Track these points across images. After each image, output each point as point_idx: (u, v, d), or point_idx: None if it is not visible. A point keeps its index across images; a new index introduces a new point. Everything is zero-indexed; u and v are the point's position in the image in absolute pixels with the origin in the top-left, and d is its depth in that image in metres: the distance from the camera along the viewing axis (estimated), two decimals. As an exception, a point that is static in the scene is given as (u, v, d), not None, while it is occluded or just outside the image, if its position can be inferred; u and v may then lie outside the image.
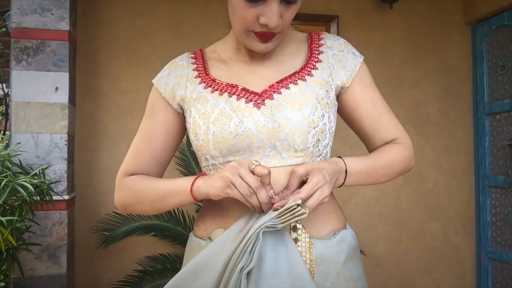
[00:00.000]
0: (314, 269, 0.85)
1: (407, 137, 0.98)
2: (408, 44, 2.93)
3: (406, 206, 2.92)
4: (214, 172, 0.91)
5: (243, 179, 0.76)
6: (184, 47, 2.81)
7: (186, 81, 0.95)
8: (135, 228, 2.40)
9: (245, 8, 0.81)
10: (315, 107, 0.87)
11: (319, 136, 0.87)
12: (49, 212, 2.15)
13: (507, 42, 2.73)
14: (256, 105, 0.87)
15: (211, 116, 0.87)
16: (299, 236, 0.85)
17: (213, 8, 2.70)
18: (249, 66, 0.94)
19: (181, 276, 0.84)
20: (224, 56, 0.97)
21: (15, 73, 2.17)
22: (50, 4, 2.21)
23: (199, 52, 1.00)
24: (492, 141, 2.87)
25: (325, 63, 0.93)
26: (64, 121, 2.22)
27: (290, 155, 0.86)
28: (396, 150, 0.95)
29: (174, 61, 1.00)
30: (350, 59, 0.95)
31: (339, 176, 0.86)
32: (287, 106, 0.86)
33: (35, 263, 2.16)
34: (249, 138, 0.85)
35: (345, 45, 0.97)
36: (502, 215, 2.78)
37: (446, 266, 2.98)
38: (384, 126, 0.96)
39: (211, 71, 0.95)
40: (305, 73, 0.91)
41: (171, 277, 0.86)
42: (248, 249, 0.77)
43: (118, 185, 0.97)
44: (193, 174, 2.49)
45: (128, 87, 2.59)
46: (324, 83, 0.91)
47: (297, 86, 0.89)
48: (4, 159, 1.86)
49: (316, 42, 0.97)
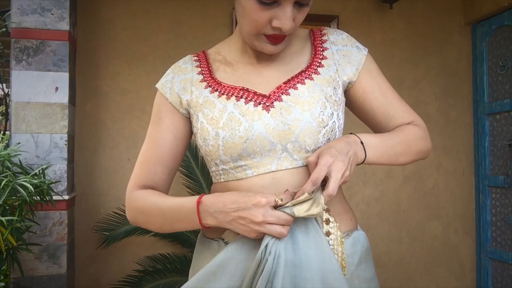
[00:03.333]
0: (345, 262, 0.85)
1: (421, 120, 0.96)
2: (408, 44, 2.93)
3: (406, 206, 2.92)
4: (224, 177, 0.89)
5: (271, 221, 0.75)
6: (184, 47, 2.83)
7: (191, 85, 0.92)
8: (135, 228, 2.40)
9: (258, 10, 0.79)
10: (324, 106, 0.86)
11: (329, 135, 0.86)
12: (49, 212, 2.15)
13: (507, 42, 2.73)
14: (265, 108, 0.85)
15: (220, 121, 0.85)
16: (331, 229, 0.83)
17: (213, 8, 2.70)
18: (255, 67, 0.92)
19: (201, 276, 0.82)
20: (229, 58, 0.95)
21: (15, 73, 2.17)
22: (50, 4, 2.21)
23: (202, 54, 0.98)
24: (492, 141, 2.87)
25: (330, 60, 0.92)
26: (64, 121, 2.22)
27: (301, 156, 0.85)
28: (410, 129, 0.92)
29: (177, 65, 0.98)
30: (354, 53, 0.93)
31: (356, 148, 0.83)
32: (296, 107, 0.85)
33: (35, 263, 2.16)
34: (260, 142, 0.84)
35: (348, 39, 0.96)
36: (502, 215, 2.78)
37: (446, 266, 2.98)
38: (397, 112, 0.94)
39: (217, 74, 0.93)
40: (312, 71, 0.90)
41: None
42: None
43: (127, 200, 0.94)
44: (192, 173, 2.48)
45: (128, 87, 2.59)
46: (331, 80, 0.90)
47: (305, 86, 0.87)
48: (4, 159, 1.86)
49: (319, 38, 0.95)
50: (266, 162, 0.85)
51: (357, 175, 2.85)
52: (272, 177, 0.85)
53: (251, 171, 0.86)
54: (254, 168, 0.85)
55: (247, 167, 0.86)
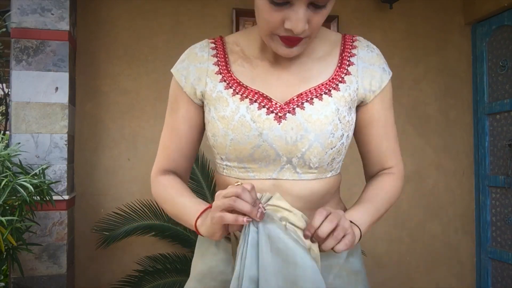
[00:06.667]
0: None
1: (402, 166, 0.99)
2: (408, 44, 2.93)
3: (406, 206, 2.92)
4: (227, 172, 0.91)
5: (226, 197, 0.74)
6: (184, 47, 2.80)
7: (206, 76, 0.91)
8: (135, 228, 2.40)
9: (270, 11, 0.77)
10: (335, 128, 0.85)
11: (335, 156, 0.87)
12: (49, 212, 2.15)
13: (507, 42, 2.73)
14: (276, 119, 0.85)
15: (231, 122, 0.85)
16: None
17: (213, 8, 2.70)
18: (274, 68, 0.89)
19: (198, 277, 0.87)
20: (248, 52, 0.92)
21: (15, 73, 2.17)
22: (50, 4, 2.21)
23: (219, 41, 0.96)
24: (492, 141, 2.87)
25: (354, 76, 0.89)
26: (64, 121, 2.22)
27: (304, 170, 0.87)
28: (392, 185, 0.95)
29: (193, 51, 0.96)
30: (378, 74, 0.91)
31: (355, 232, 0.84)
32: (308, 125, 0.84)
33: (35, 263, 2.16)
34: (266, 151, 0.85)
35: (378, 57, 0.93)
36: (502, 215, 2.78)
37: (446, 266, 2.98)
38: (387, 150, 0.96)
39: (233, 68, 0.91)
40: (332, 86, 0.87)
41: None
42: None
43: (152, 182, 0.98)
44: (192, 173, 2.48)
45: (128, 87, 2.59)
46: (349, 99, 0.88)
47: (321, 102, 0.85)
48: (4, 159, 1.86)
49: (349, 50, 0.91)
50: (269, 169, 0.87)
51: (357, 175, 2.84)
52: (273, 184, 0.87)
53: (253, 174, 0.88)
54: (256, 172, 0.87)
55: (250, 170, 0.88)
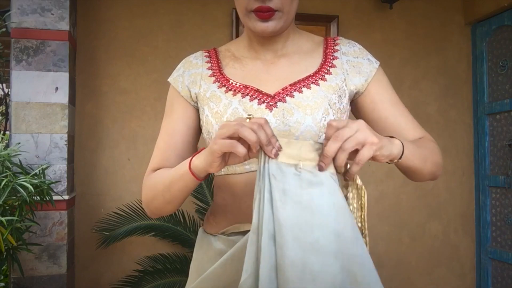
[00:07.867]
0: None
1: (431, 137, 0.96)
2: (408, 44, 2.93)
3: (406, 206, 2.92)
4: (224, 170, 0.90)
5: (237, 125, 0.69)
6: (184, 47, 2.83)
7: (200, 80, 0.95)
8: (135, 228, 2.40)
9: None
10: (326, 112, 0.87)
11: None
12: (49, 212, 2.15)
13: (507, 42, 2.73)
14: (268, 107, 0.87)
15: (224, 116, 0.88)
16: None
17: (213, 8, 2.70)
18: (263, 64, 0.94)
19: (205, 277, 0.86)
20: (238, 54, 0.97)
21: (15, 73, 2.17)
22: (50, 4, 2.21)
23: (213, 51, 1.01)
24: (492, 141, 2.87)
25: (339, 69, 0.92)
26: (64, 121, 2.22)
27: None
28: (427, 141, 0.91)
29: (188, 60, 1.01)
30: (365, 65, 0.94)
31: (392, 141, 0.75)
32: (299, 110, 0.86)
33: (35, 263, 2.16)
34: None
35: (360, 51, 0.96)
36: (502, 215, 2.78)
37: (446, 266, 2.98)
38: (408, 124, 0.94)
39: (225, 70, 0.95)
40: (319, 77, 0.91)
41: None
42: None
43: (142, 186, 0.96)
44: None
45: (128, 87, 2.59)
46: (337, 88, 0.91)
47: (310, 90, 0.89)
48: (4, 159, 1.86)
49: (331, 47, 0.96)
50: None
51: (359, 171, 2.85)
52: None
53: (249, 166, 0.88)
54: (252, 163, 0.87)
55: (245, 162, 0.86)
